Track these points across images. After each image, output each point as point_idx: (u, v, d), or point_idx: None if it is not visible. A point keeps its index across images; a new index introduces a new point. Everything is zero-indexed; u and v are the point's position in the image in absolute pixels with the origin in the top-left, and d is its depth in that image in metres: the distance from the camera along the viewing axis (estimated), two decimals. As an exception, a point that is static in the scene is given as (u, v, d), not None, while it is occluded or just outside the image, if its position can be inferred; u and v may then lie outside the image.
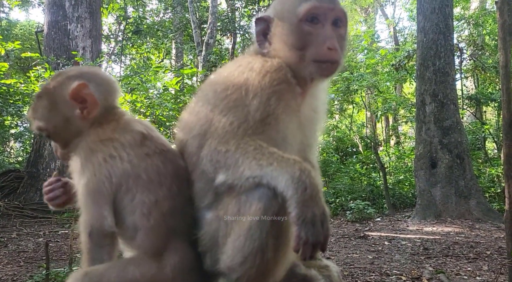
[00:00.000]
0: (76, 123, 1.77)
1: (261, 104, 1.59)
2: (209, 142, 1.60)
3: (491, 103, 14.15)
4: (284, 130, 1.66)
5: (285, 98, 1.65)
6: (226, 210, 1.58)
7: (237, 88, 1.64)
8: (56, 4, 8.38)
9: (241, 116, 1.59)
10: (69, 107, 1.76)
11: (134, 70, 8.41)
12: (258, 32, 1.81)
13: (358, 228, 9.07)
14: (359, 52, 20.45)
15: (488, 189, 11.35)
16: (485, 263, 5.82)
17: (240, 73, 1.69)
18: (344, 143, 17.22)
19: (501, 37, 5.38)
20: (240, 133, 1.56)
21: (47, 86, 1.81)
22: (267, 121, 1.60)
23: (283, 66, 1.71)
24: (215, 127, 1.61)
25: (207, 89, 1.82)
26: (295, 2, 1.74)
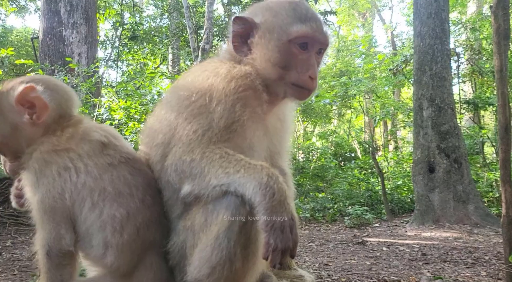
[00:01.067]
0: (26, 130, 1.64)
1: (226, 111, 1.56)
2: (174, 151, 1.56)
3: (488, 107, 14.15)
4: (250, 137, 1.62)
5: (251, 105, 1.62)
6: (194, 220, 1.54)
7: (201, 95, 1.60)
8: (51, 10, 8.38)
9: (205, 124, 1.55)
10: (16, 113, 1.63)
11: (131, 76, 8.40)
12: (236, 34, 1.74)
13: (356, 233, 9.02)
14: (357, 57, 20.50)
15: (487, 194, 11.31)
16: (484, 268, 5.77)
17: (204, 79, 1.65)
18: (343, 148, 17.21)
19: (496, 42, 5.37)
20: (205, 142, 1.53)
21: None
22: (232, 128, 1.57)
23: (250, 73, 1.67)
24: (179, 136, 1.57)
25: (171, 95, 1.78)
26: (288, 20, 1.70)
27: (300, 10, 1.73)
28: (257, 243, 1.47)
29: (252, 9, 1.83)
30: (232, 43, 1.75)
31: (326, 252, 7.19)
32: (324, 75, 19.36)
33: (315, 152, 16.59)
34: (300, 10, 1.73)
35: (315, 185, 14.08)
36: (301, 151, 16.67)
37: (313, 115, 15.93)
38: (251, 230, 1.45)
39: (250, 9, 1.84)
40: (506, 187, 5.11)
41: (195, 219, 1.54)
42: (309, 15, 1.73)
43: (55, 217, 1.55)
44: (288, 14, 1.71)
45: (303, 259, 6.46)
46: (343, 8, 25.09)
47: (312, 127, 19.77)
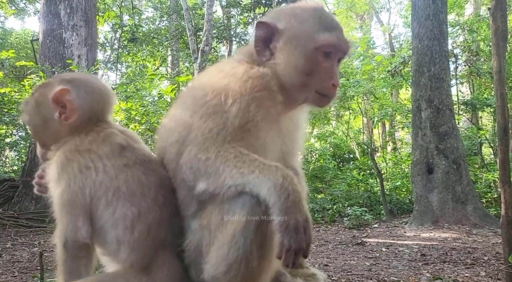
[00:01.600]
0: (54, 126, 1.78)
1: (240, 110, 1.57)
2: (189, 149, 1.58)
3: (486, 108, 14.21)
4: (263, 137, 1.65)
5: (265, 105, 1.64)
6: (210, 219, 1.57)
7: (216, 94, 1.62)
8: (51, 12, 8.39)
9: (220, 123, 1.57)
10: (49, 109, 1.78)
11: (130, 78, 8.41)
12: (259, 38, 1.75)
13: (356, 234, 9.04)
14: (355, 59, 20.55)
15: (485, 194, 11.35)
16: (483, 268, 5.80)
17: (220, 79, 1.68)
18: (341, 149, 17.23)
19: (495, 43, 5.41)
20: (220, 140, 1.55)
21: (41, 85, 1.88)
22: (246, 128, 1.58)
23: (268, 74, 1.69)
24: (194, 134, 1.59)
25: (186, 95, 1.80)
26: (315, 28, 1.72)
27: (326, 19, 1.75)
28: (273, 242, 1.48)
29: (274, 14, 1.84)
30: (254, 47, 1.76)
31: (325, 252, 7.20)
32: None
33: (314, 153, 16.61)
34: (326, 19, 1.75)
35: (314, 186, 14.09)
36: (299, 152, 16.67)
37: (311, 116, 15.97)
38: (267, 230, 1.47)
39: (272, 14, 1.84)
40: (505, 187, 5.15)
41: (211, 218, 1.56)
42: (334, 24, 1.76)
43: (74, 210, 1.61)
44: (315, 21, 1.72)
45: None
46: (341, 10, 25.14)
47: (310, 129, 19.81)
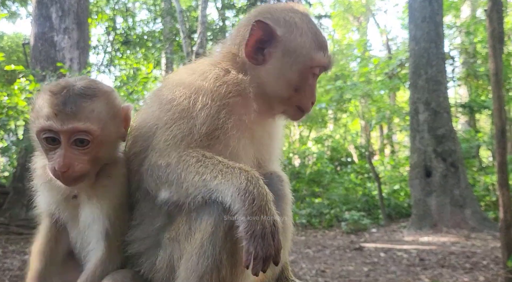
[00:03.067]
0: (117, 141, 1.63)
1: (209, 117, 1.48)
2: (150, 156, 1.49)
3: (484, 111, 14.16)
4: (234, 145, 1.55)
5: (237, 113, 1.56)
6: (178, 230, 1.47)
7: (185, 98, 1.52)
8: (43, 15, 8.30)
9: (186, 129, 1.48)
10: (120, 122, 1.61)
11: (123, 81, 8.31)
12: (256, 39, 1.62)
13: (354, 239, 8.94)
14: (352, 61, 20.53)
15: (483, 198, 11.28)
16: (482, 273, 5.72)
17: (191, 81, 1.57)
18: (339, 153, 17.16)
19: (491, 45, 5.35)
20: (183, 146, 1.45)
21: (102, 88, 1.58)
22: (214, 135, 1.50)
23: (245, 81, 1.60)
24: (157, 141, 1.49)
25: (152, 99, 1.69)
26: (312, 45, 1.66)
27: (320, 35, 1.72)
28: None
29: (271, 15, 1.69)
30: (245, 47, 1.63)
31: (323, 258, 7.11)
32: (319, 80, 19.32)
33: (311, 157, 16.53)
34: (320, 35, 1.72)
35: (311, 190, 14.00)
36: (297, 155, 16.60)
37: (308, 119, 15.91)
38: (237, 237, 1.38)
39: (268, 15, 1.69)
40: (503, 190, 5.06)
41: (179, 229, 1.47)
42: (325, 42, 1.74)
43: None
44: (312, 38, 1.67)
45: (300, 266, 6.37)
46: (337, 12, 25.17)
47: (307, 132, 19.74)
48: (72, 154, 1.47)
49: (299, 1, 14.60)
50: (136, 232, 1.56)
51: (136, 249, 1.55)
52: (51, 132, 1.46)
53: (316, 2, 26.29)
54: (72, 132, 1.45)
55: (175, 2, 12.21)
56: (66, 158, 1.45)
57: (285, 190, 1.78)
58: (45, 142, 1.48)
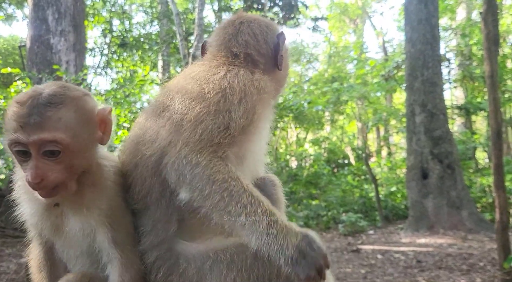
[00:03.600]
0: (95, 148, 1.57)
1: (247, 111, 1.49)
2: (178, 148, 1.43)
3: (480, 112, 14.22)
4: (256, 140, 1.61)
5: (266, 109, 1.66)
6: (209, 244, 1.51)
7: (218, 91, 1.51)
8: (39, 18, 8.26)
9: (222, 123, 1.45)
10: (94, 127, 1.54)
11: (120, 83, 8.28)
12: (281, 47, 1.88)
13: (351, 241, 8.94)
14: (348, 63, 20.59)
15: (480, 199, 11.31)
16: (479, 275, 5.74)
17: (220, 79, 1.57)
18: (336, 155, 17.19)
19: (486, 47, 5.38)
20: (216, 144, 1.43)
21: (71, 94, 1.51)
22: (247, 130, 1.50)
23: (267, 81, 1.70)
24: (188, 134, 1.44)
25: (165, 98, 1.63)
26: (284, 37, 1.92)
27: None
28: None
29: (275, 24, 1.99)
30: (278, 57, 1.84)
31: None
32: (316, 81, 19.40)
33: (308, 159, 16.54)
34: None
35: (308, 192, 14.00)
36: (294, 157, 16.62)
37: (305, 121, 15.94)
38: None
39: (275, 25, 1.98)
40: (499, 192, 5.08)
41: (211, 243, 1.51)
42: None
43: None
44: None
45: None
46: (334, 14, 25.24)
47: (304, 134, 19.75)
48: (44, 164, 1.41)
49: (296, 2, 14.63)
50: (149, 239, 1.53)
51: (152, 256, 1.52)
52: (20, 145, 1.40)
53: (313, 4, 26.39)
54: (39, 144, 1.39)
55: (171, 5, 12.21)
56: (38, 169, 1.40)
57: (278, 194, 1.81)
58: (17, 154, 1.42)
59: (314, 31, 16.17)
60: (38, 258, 1.68)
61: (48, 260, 1.67)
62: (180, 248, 1.51)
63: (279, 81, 1.87)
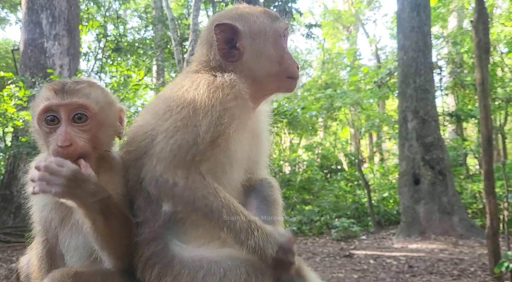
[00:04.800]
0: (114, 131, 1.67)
1: (212, 124, 1.49)
2: (153, 164, 1.49)
3: (471, 119, 14.38)
4: (234, 150, 1.59)
5: (238, 116, 1.57)
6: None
7: (183, 108, 1.53)
8: (33, 21, 8.24)
9: (190, 139, 1.48)
10: (116, 115, 1.68)
11: (114, 88, 8.27)
12: (223, 40, 1.71)
13: (343, 246, 8.97)
14: (341, 70, 20.73)
15: (470, 205, 11.41)
16: (469, 280, 5.78)
17: (184, 93, 1.58)
18: (329, 160, 17.24)
19: (477, 55, 5.47)
20: (189, 160, 1.47)
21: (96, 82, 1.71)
22: (216, 143, 1.51)
23: (236, 81, 1.63)
24: (160, 148, 1.49)
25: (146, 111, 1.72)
26: (269, 20, 1.78)
27: (271, 11, 1.85)
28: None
29: (227, 16, 1.80)
30: (219, 51, 1.72)
31: (313, 266, 7.12)
32: (309, 88, 19.50)
33: (301, 164, 16.57)
34: (271, 11, 1.85)
35: (301, 197, 14.02)
36: (287, 163, 16.63)
37: (299, 127, 15.99)
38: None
39: (224, 16, 1.81)
40: (490, 198, 5.15)
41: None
42: (276, 13, 1.86)
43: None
44: (266, 15, 1.80)
45: (289, 273, 6.37)
46: (327, 21, 25.45)
47: (298, 140, 19.80)
48: (73, 130, 1.51)
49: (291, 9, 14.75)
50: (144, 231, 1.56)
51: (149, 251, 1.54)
52: (51, 111, 1.51)
53: (307, 11, 26.59)
54: (71, 106, 1.51)
55: (166, 10, 12.24)
56: (67, 134, 1.49)
57: (275, 196, 1.82)
58: (45, 124, 1.52)
59: (308, 37, 16.27)
60: (40, 255, 1.69)
61: (50, 259, 1.68)
62: (175, 249, 1.52)
63: (252, 71, 1.71)
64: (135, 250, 1.55)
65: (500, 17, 18.07)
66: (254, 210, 1.75)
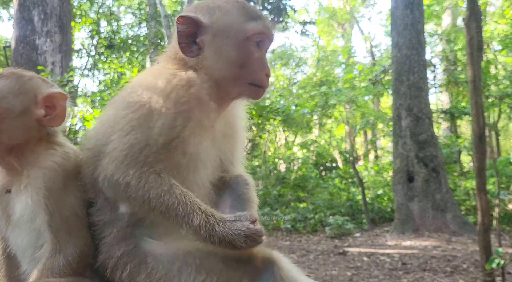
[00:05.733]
0: (30, 123, 1.58)
1: (165, 127, 1.45)
2: (106, 162, 1.45)
3: (464, 117, 14.46)
4: (194, 151, 1.53)
5: (195, 117, 1.52)
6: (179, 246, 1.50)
7: (140, 106, 1.49)
8: (24, 18, 8.14)
9: (142, 140, 1.44)
10: (35, 103, 1.59)
11: (107, 85, 8.21)
12: (182, 33, 1.63)
13: (337, 244, 8.99)
14: (336, 67, 20.76)
15: (464, 202, 11.48)
16: (462, 276, 5.82)
17: (146, 88, 1.54)
18: (323, 158, 17.27)
19: (469, 53, 5.48)
20: (141, 161, 1.43)
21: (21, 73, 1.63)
22: (171, 146, 1.47)
23: (194, 80, 1.57)
24: (113, 146, 1.45)
25: (110, 103, 1.68)
26: (242, 18, 1.64)
27: (250, 9, 1.69)
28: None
29: (194, 8, 1.72)
30: (178, 44, 1.63)
31: (307, 263, 7.13)
32: (304, 85, 19.51)
33: (296, 162, 16.59)
34: (250, 9, 1.69)
35: (296, 195, 14.03)
36: (282, 160, 16.65)
37: (293, 125, 15.99)
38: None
39: (191, 8, 1.73)
40: (481, 195, 5.17)
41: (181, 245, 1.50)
42: (259, 13, 1.69)
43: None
44: (240, 12, 1.65)
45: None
46: (322, 19, 25.46)
47: (293, 137, 19.82)
48: None
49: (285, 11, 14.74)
50: (111, 231, 1.52)
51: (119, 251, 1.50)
52: None
53: (301, 8, 26.57)
54: None
55: (160, 7, 12.18)
56: None
57: (250, 193, 1.77)
58: None
59: (303, 35, 16.30)
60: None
61: (7, 258, 1.65)
62: (148, 246, 1.49)
63: (211, 70, 1.61)
64: (104, 251, 1.51)
65: (494, 15, 18.17)
66: (228, 208, 1.71)
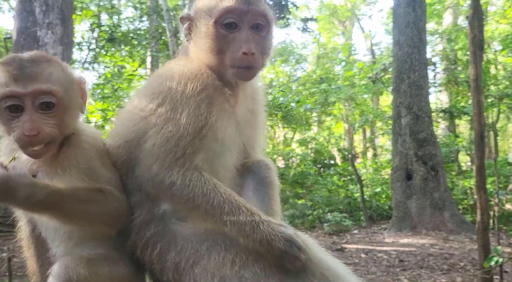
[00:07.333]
0: (78, 109, 1.58)
1: (191, 116, 1.48)
2: (150, 163, 1.48)
3: (463, 116, 14.49)
4: (222, 137, 1.57)
5: (216, 103, 1.55)
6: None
7: (164, 98, 1.53)
8: (26, 10, 8.10)
9: (175, 132, 1.48)
10: (78, 89, 1.58)
11: (108, 78, 8.21)
12: (184, 31, 1.72)
13: (335, 240, 9.02)
14: (336, 64, 20.74)
15: (461, 201, 11.53)
16: (459, 274, 5.86)
17: (163, 82, 1.58)
18: (322, 155, 17.28)
19: (472, 51, 5.48)
20: (181, 155, 1.46)
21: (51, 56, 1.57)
22: (202, 134, 1.50)
23: (203, 70, 1.60)
24: (151, 143, 1.49)
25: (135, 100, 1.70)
26: (212, 2, 1.62)
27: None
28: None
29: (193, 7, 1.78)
30: (186, 41, 1.72)
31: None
32: (304, 82, 19.50)
33: (295, 159, 16.61)
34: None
35: (294, 191, 14.07)
36: (281, 157, 16.66)
37: (293, 121, 16.00)
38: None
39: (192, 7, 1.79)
40: (481, 193, 5.19)
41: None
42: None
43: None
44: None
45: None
46: (323, 16, 25.38)
47: (292, 134, 19.84)
48: (39, 117, 1.40)
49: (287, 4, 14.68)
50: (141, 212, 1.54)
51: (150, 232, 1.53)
52: (14, 99, 1.37)
53: (303, 5, 26.49)
54: (36, 94, 1.38)
55: (161, 1, 12.11)
56: (33, 122, 1.37)
57: (272, 177, 1.81)
58: (7, 111, 1.39)
59: (304, 32, 16.24)
60: (26, 236, 1.67)
61: (35, 238, 1.66)
62: (176, 228, 1.52)
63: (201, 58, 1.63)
64: (133, 232, 1.53)
65: (495, 15, 18.17)
66: (251, 192, 1.74)
